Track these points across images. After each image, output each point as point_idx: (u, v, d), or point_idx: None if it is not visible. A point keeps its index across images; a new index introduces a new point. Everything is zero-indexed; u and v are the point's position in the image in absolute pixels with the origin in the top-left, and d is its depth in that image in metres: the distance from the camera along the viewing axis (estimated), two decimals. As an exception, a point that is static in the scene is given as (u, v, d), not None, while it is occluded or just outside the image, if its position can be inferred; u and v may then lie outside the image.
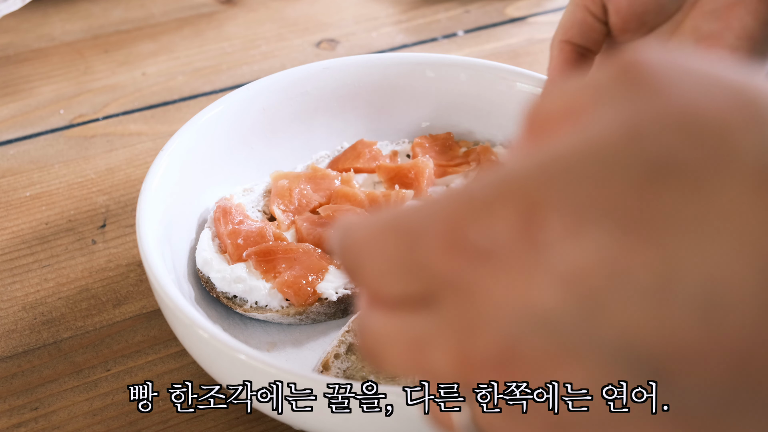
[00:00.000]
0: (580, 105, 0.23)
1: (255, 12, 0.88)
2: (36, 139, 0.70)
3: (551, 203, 0.21)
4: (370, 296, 0.25)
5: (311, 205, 0.58)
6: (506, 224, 0.21)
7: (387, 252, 0.24)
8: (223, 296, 0.52)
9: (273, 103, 0.61)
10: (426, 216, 0.23)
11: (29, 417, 0.49)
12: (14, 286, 0.57)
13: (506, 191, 0.22)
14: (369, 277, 0.24)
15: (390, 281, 0.24)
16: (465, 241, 0.22)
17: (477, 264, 0.22)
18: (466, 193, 0.23)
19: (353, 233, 0.25)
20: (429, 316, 0.23)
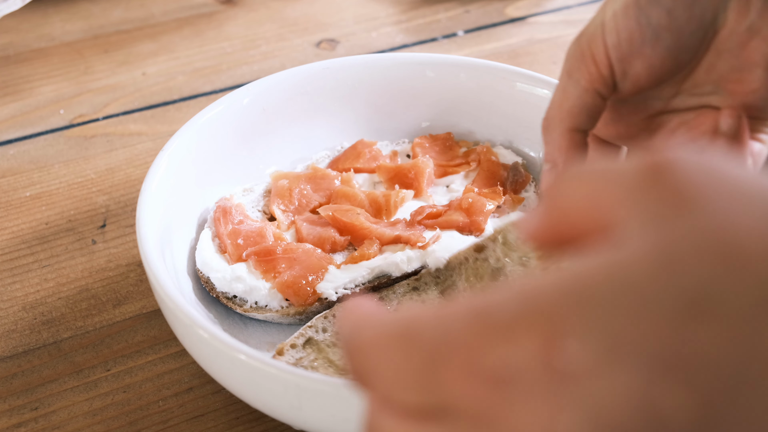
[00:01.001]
0: (607, 206, 0.22)
1: (255, 12, 0.88)
2: (36, 139, 0.70)
3: (577, 332, 0.20)
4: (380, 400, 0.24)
5: (311, 205, 0.58)
6: (527, 351, 0.20)
7: (399, 363, 0.23)
8: (223, 296, 0.52)
9: (273, 103, 0.61)
10: (444, 333, 0.22)
11: (29, 417, 0.49)
12: (14, 286, 0.57)
13: (528, 314, 0.21)
14: (379, 384, 0.24)
15: (402, 392, 0.23)
16: (484, 366, 0.21)
17: (495, 391, 0.21)
18: (487, 312, 0.22)
19: (362, 333, 0.24)
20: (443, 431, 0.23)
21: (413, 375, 0.22)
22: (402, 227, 0.55)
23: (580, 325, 0.20)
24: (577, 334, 0.20)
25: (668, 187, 0.21)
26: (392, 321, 0.23)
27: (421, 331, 0.22)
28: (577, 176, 0.24)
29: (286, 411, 0.42)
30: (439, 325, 0.22)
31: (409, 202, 0.58)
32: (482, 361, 0.21)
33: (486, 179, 0.60)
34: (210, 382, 0.50)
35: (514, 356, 0.21)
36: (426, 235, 0.54)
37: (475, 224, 0.55)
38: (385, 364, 0.23)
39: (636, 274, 0.20)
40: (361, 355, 0.24)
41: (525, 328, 0.21)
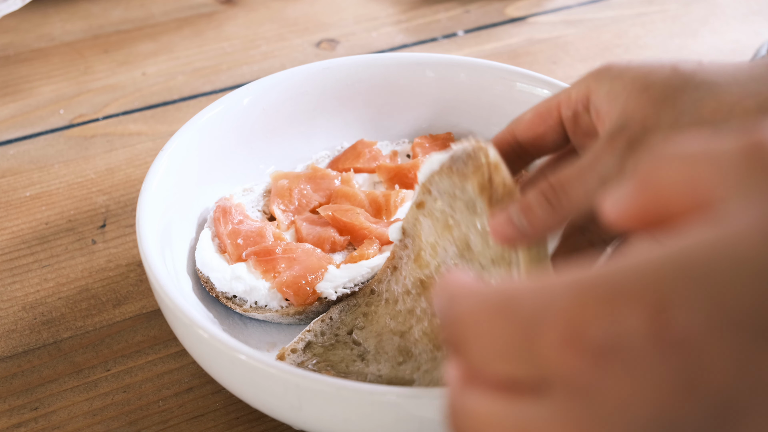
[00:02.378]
0: (706, 185, 0.23)
1: (255, 12, 0.88)
2: (36, 139, 0.70)
3: (687, 303, 0.20)
4: (469, 373, 0.24)
5: (311, 205, 0.58)
6: (633, 322, 0.20)
7: (499, 334, 0.23)
8: (223, 296, 0.52)
9: (273, 103, 0.61)
10: (544, 304, 0.22)
11: (29, 417, 0.49)
12: (14, 286, 0.57)
13: (633, 287, 0.21)
14: (475, 355, 0.24)
15: (499, 363, 0.23)
16: (586, 336, 0.21)
17: (598, 361, 0.21)
18: (588, 284, 0.22)
19: (461, 304, 0.24)
20: (540, 406, 0.22)
21: (511, 344, 0.22)
22: (402, 227, 0.55)
23: (689, 297, 0.20)
24: (686, 305, 0.20)
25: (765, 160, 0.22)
26: (491, 292, 0.24)
27: (521, 301, 0.23)
28: (673, 157, 0.24)
29: (286, 411, 0.42)
30: (539, 296, 0.22)
31: (409, 202, 0.58)
32: (584, 332, 0.21)
33: (486, 179, 0.60)
34: (210, 382, 0.50)
35: (620, 327, 0.20)
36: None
37: (475, 224, 0.55)
38: (482, 333, 0.23)
39: (743, 246, 0.20)
40: (458, 325, 0.24)
41: (631, 300, 0.21)
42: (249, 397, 0.44)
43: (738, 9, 0.89)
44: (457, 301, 0.24)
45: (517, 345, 0.22)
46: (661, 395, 0.20)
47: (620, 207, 0.25)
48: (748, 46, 0.83)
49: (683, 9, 0.89)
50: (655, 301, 0.20)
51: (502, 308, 0.23)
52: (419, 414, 0.39)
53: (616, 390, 0.21)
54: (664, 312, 0.20)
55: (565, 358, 0.21)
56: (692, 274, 0.20)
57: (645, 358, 0.20)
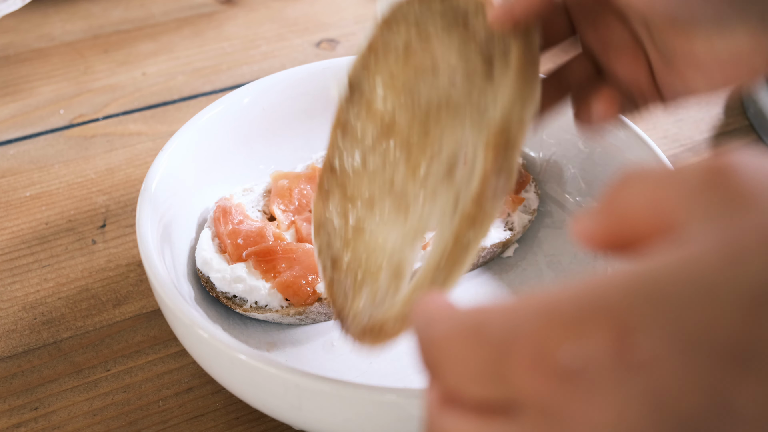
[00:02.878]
0: (670, 208, 0.23)
1: (255, 12, 0.88)
2: (36, 139, 0.70)
3: (648, 327, 0.21)
4: (445, 395, 0.25)
5: (311, 205, 0.58)
6: (598, 346, 0.21)
7: (470, 358, 0.23)
8: (223, 296, 0.52)
9: (273, 103, 0.61)
10: (513, 328, 0.23)
11: (29, 417, 0.49)
12: (14, 286, 0.57)
13: (598, 311, 0.21)
14: (450, 378, 0.24)
15: (472, 386, 0.24)
16: (553, 360, 0.22)
17: (564, 384, 0.21)
18: (556, 308, 0.22)
19: (436, 328, 0.25)
20: (510, 427, 0.23)
21: (481, 367, 0.23)
22: (402, 227, 0.55)
23: (650, 319, 0.21)
24: (648, 327, 0.21)
25: (728, 187, 0.22)
26: (463, 315, 0.24)
27: (491, 325, 0.23)
28: (637, 180, 0.24)
29: (286, 411, 0.42)
30: (508, 320, 0.23)
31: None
32: (551, 355, 0.22)
33: (486, 179, 0.59)
34: (210, 382, 0.50)
35: (585, 350, 0.21)
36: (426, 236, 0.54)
37: (475, 224, 0.55)
38: (455, 356, 0.24)
39: (702, 269, 0.21)
40: (433, 348, 0.25)
41: (595, 323, 0.21)
42: (249, 397, 0.44)
43: (738, 9, 0.89)
44: (432, 325, 0.25)
45: (488, 368, 0.23)
46: (626, 418, 0.21)
47: (588, 230, 0.25)
48: (748, 46, 0.83)
49: (683, 9, 0.89)
50: (618, 323, 0.21)
51: (474, 332, 0.23)
52: (419, 414, 0.39)
53: (582, 412, 0.21)
54: (627, 336, 0.21)
55: (533, 381, 0.22)
56: (654, 297, 0.21)
57: (610, 381, 0.21)
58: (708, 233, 0.22)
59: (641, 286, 0.21)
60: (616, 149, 0.57)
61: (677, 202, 0.23)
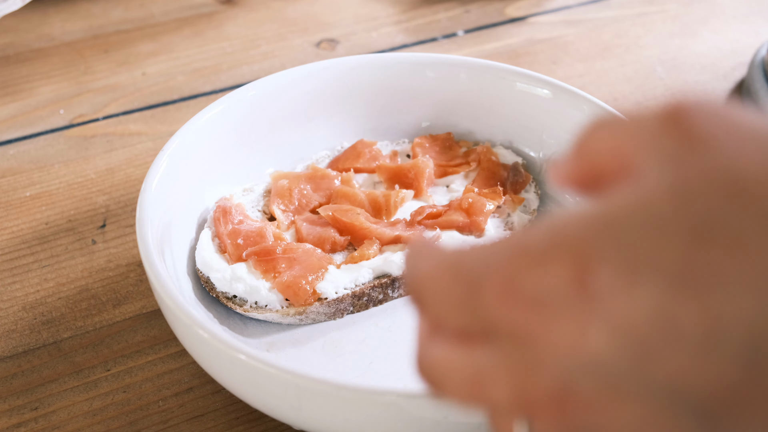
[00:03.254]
0: (629, 152, 0.25)
1: (255, 12, 0.88)
2: (36, 139, 0.70)
3: (604, 257, 0.23)
4: (432, 326, 0.28)
5: (311, 205, 0.58)
6: (561, 275, 0.23)
7: (449, 292, 0.26)
8: (223, 296, 0.52)
9: (273, 103, 0.61)
10: (485, 263, 0.25)
11: (29, 417, 0.49)
12: (14, 286, 0.57)
13: (561, 244, 0.24)
14: (433, 310, 0.27)
15: (452, 317, 0.26)
16: (521, 290, 0.24)
17: (532, 311, 0.24)
18: (523, 244, 0.25)
19: (420, 266, 0.27)
20: (489, 352, 0.26)
21: (459, 299, 0.26)
22: (402, 227, 0.55)
23: (606, 251, 0.23)
24: (604, 259, 0.23)
25: (683, 131, 0.24)
26: (445, 253, 0.27)
27: (467, 261, 0.26)
28: (603, 125, 0.27)
29: (286, 411, 0.42)
30: (482, 256, 0.26)
31: (409, 202, 0.58)
32: (519, 286, 0.24)
33: (486, 179, 0.60)
34: (210, 382, 0.50)
35: (549, 281, 0.23)
36: (426, 235, 0.54)
37: (475, 224, 0.55)
38: (436, 290, 0.27)
39: (653, 205, 0.23)
40: (418, 284, 0.27)
41: (558, 256, 0.24)
42: (249, 397, 0.44)
43: (738, 9, 0.89)
44: (419, 262, 0.27)
45: (465, 300, 0.26)
46: (585, 339, 0.23)
47: (563, 173, 0.28)
48: (748, 46, 0.83)
49: (683, 9, 0.89)
50: (578, 256, 0.23)
51: (452, 268, 0.26)
52: (419, 414, 0.39)
53: (548, 335, 0.24)
54: (585, 265, 0.23)
55: (503, 309, 0.24)
56: (609, 230, 0.23)
57: (571, 308, 0.23)
58: (662, 173, 0.24)
59: (598, 222, 0.23)
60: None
61: (636, 146, 0.25)
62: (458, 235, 0.55)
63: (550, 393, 0.24)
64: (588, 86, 0.77)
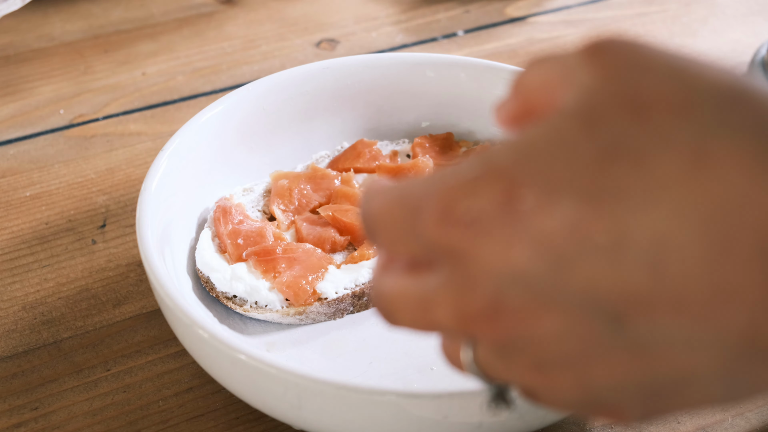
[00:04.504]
0: (554, 86, 0.27)
1: (255, 12, 0.88)
2: (36, 139, 0.70)
3: (526, 180, 0.25)
4: (386, 259, 0.30)
5: (311, 205, 0.58)
6: (489, 199, 0.26)
7: (395, 222, 0.28)
8: (223, 296, 0.52)
9: (273, 103, 0.61)
10: (424, 191, 0.27)
11: (29, 417, 0.49)
12: (14, 286, 0.57)
13: (489, 170, 0.26)
14: (382, 242, 0.29)
15: (399, 247, 0.29)
16: (455, 213, 0.26)
17: (466, 233, 0.26)
18: (456, 172, 0.27)
19: (372, 201, 0.29)
20: (432, 277, 0.28)
21: (402, 228, 0.28)
22: (402, 227, 0.55)
23: (528, 175, 0.25)
24: (526, 182, 0.25)
25: (597, 63, 0.26)
26: (394, 188, 0.29)
27: (410, 192, 0.28)
28: (535, 63, 0.29)
29: (286, 411, 0.42)
30: (421, 186, 0.28)
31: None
32: (453, 209, 0.26)
33: (486, 179, 0.59)
34: (210, 382, 0.50)
35: (479, 203, 0.26)
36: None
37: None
38: (384, 222, 0.29)
39: (566, 130, 0.25)
40: (369, 218, 0.29)
41: (487, 180, 0.26)
42: (249, 397, 0.44)
43: (738, 9, 0.89)
44: (369, 200, 0.29)
45: (408, 227, 0.28)
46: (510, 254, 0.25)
47: (503, 110, 0.30)
48: (748, 46, 0.83)
49: (683, 9, 0.89)
50: (502, 180, 0.26)
51: (397, 199, 0.28)
52: (419, 414, 0.39)
53: (482, 253, 0.26)
54: (511, 187, 0.25)
55: (441, 233, 0.26)
56: (530, 155, 0.26)
57: (497, 226, 0.25)
58: (575, 102, 0.26)
59: (520, 149, 0.26)
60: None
61: (560, 80, 0.27)
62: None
63: (484, 307, 0.26)
64: (588, 86, 0.77)
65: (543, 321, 0.26)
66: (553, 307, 0.25)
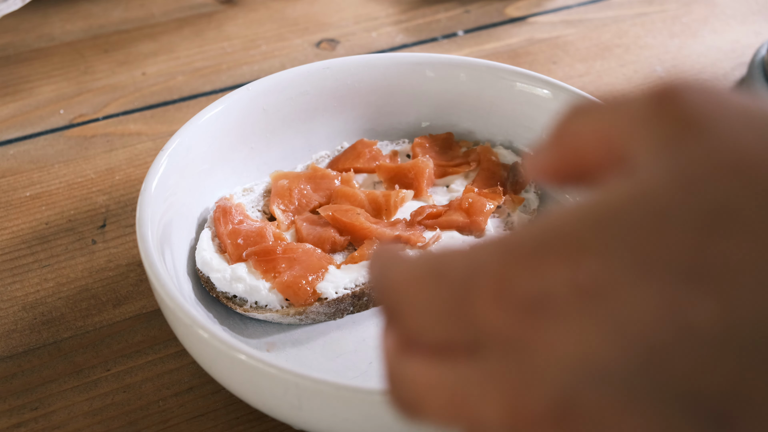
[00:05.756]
0: (619, 139, 0.23)
1: (255, 12, 0.88)
2: (36, 139, 0.70)
3: (602, 252, 0.21)
4: (405, 340, 0.25)
5: (311, 205, 0.58)
6: (557, 275, 0.21)
7: (432, 298, 0.23)
8: (223, 296, 0.52)
9: (273, 103, 0.61)
10: (473, 265, 0.23)
11: (29, 417, 0.49)
12: (14, 286, 0.57)
13: (556, 240, 0.22)
14: (410, 321, 0.24)
15: (434, 328, 0.24)
16: (514, 293, 0.22)
17: (528, 316, 0.22)
18: (515, 242, 0.22)
19: (394, 271, 0.25)
20: (475, 366, 0.23)
21: (444, 308, 0.23)
22: (402, 227, 0.55)
23: (605, 246, 0.21)
24: (602, 253, 0.21)
25: (677, 114, 0.22)
26: (422, 259, 0.24)
27: (451, 265, 0.23)
28: (584, 111, 0.25)
29: (286, 411, 0.42)
30: (468, 259, 0.23)
31: (409, 202, 0.58)
32: (512, 289, 0.22)
33: (486, 179, 0.60)
34: (210, 382, 0.50)
35: (542, 281, 0.21)
36: (426, 235, 0.54)
37: (475, 224, 0.55)
38: (415, 298, 0.24)
39: (655, 195, 0.21)
40: (391, 292, 0.25)
41: (552, 253, 0.21)
42: (249, 397, 0.44)
43: (738, 9, 0.89)
44: (389, 269, 0.25)
45: (450, 308, 0.23)
46: (588, 345, 0.21)
47: (541, 164, 0.26)
48: (748, 46, 0.83)
49: (683, 9, 0.89)
50: (572, 252, 0.21)
51: (434, 273, 0.24)
52: (419, 414, 0.39)
53: (545, 343, 0.21)
54: (581, 262, 0.21)
55: (495, 317, 0.22)
56: (607, 223, 0.21)
57: (569, 309, 0.21)
58: (660, 161, 0.22)
59: (595, 216, 0.21)
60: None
61: (626, 132, 0.23)
62: (458, 235, 0.55)
63: (549, 407, 0.21)
64: (588, 86, 0.77)
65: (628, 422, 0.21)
66: (642, 409, 0.21)
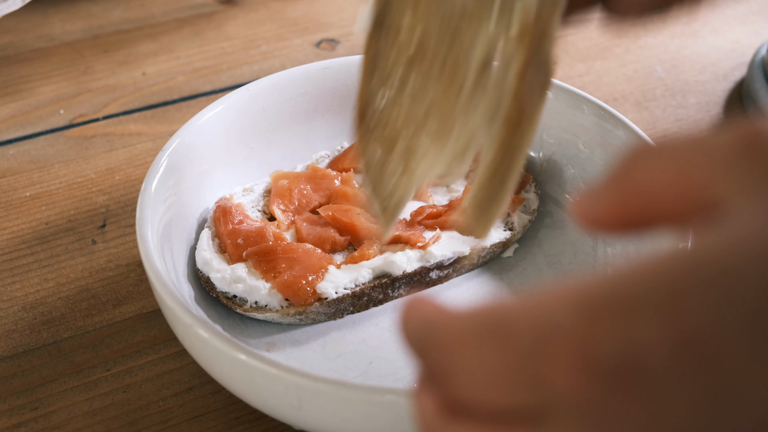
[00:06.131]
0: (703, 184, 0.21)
1: (255, 12, 0.88)
2: (36, 139, 0.70)
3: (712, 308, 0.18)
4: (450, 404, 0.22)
5: (311, 205, 0.58)
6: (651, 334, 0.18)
7: (494, 361, 0.20)
8: (223, 296, 0.52)
9: (273, 103, 0.61)
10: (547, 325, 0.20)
11: (29, 417, 0.49)
12: (14, 286, 0.57)
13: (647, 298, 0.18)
14: (463, 385, 0.21)
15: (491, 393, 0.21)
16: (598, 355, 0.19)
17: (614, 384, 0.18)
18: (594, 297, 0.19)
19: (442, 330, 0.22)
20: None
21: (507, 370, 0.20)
22: (402, 227, 0.55)
23: (710, 300, 0.18)
24: (708, 309, 0.18)
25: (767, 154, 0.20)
26: (478, 314, 0.21)
27: (518, 323, 0.20)
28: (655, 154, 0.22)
29: (286, 411, 0.42)
30: (539, 316, 0.20)
31: (409, 202, 0.58)
32: (597, 353, 0.19)
33: (486, 179, 0.59)
34: (210, 382, 0.50)
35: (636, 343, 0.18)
36: (426, 235, 0.54)
37: (475, 224, 0.55)
38: (473, 360, 0.21)
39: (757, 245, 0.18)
40: (441, 352, 0.22)
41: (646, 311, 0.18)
42: (249, 397, 0.44)
43: (738, 9, 0.89)
44: (436, 326, 0.22)
45: (517, 372, 0.20)
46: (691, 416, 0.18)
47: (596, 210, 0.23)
48: (748, 46, 0.83)
49: (683, 9, 0.89)
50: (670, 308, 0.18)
51: (496, 332, 0.21)
52: (419, 414, 0.39)
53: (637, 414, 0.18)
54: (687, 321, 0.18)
55: (573, 381, 0.19)
56: (712, 276, 0.18)
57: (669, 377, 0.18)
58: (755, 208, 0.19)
59: (693, 267, 0.18)
60: (615, 149, 0.57)
61: (712, 176, 0.20)
62: (458, 235, 0.55)
63: None
64: (588, 86, 0.77)
65: None
66: None
